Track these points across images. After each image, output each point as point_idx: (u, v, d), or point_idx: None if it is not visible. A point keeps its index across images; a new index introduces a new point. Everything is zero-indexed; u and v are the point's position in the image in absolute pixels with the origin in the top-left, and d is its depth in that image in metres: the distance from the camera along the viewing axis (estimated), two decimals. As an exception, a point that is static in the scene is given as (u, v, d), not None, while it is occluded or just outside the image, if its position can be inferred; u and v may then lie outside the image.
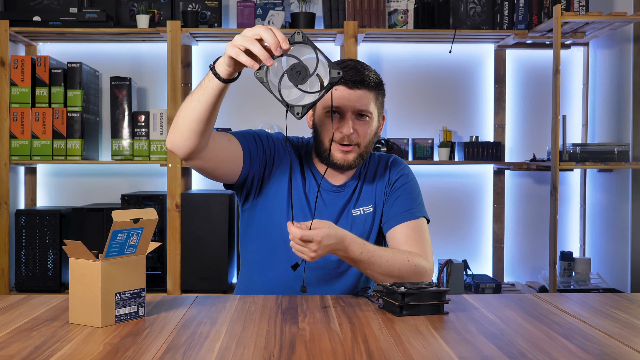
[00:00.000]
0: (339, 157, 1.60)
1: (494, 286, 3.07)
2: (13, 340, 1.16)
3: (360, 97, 1.57)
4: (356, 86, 1.57)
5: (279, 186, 1.65)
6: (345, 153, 1.59)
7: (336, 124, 1.58)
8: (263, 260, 1.68)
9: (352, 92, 1.57)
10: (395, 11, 3.19)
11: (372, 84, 1.60)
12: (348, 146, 1.59)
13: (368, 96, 1.59)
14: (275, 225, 1.64)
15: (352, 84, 1.57)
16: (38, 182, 3.36)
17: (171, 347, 1.12)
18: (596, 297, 1.57)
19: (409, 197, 1.68)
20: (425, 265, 1.57)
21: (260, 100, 3.38)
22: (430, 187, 3.41)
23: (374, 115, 1.62)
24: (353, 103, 1.57)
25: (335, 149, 1.59)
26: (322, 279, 1.66)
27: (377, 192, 1.69)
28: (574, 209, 3.47)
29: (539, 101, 3.45)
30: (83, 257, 1.26)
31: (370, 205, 1.68)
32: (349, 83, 1.56)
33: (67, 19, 3.10)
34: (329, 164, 1.62)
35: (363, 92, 1.58)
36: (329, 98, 1.56)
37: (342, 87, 1.57)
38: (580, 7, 3.15)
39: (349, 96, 1.57)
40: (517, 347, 1.13)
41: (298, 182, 1.66)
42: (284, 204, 1.64)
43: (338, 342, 1.15)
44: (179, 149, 1.48)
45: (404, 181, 1.70)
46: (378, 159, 1.75)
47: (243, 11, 3.15)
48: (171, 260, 3.04)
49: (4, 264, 3.04)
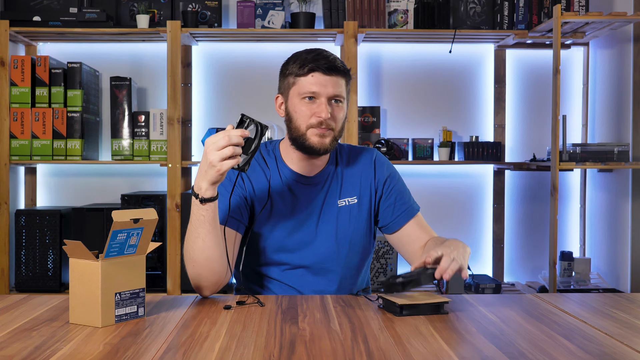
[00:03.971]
0: (316, 141, 1.61)
1: (494, 286, 3.07)
2: (13, 340, 1.16)
3: (335, 82, 1.61)
4: (331, 72, 1.61)
5: (262, 201, 1.67)
6: (322, 137, 1.61)
7: (313, 109, 1.61)
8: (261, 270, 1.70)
9: (328, 77, 1.61)
10: (395, 11, 3.19)
11: (343, 70, 1.64)
12: (324, 129, 1.61)
13: (341, 82, 1.63)
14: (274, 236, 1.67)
15: (327, 70, 1.60)
16: (38, 182, 3.36)
17: (171, 347, 1.12)
18: (596, 297, 1.57)
19: (403, 195, 1.74)
20: None
21: (260, 100, 3.38)
22: (430, 187, 3.41)
23: (345, 100, 1.66)
24: (329, 88, 1.60)
25: (312, 134, 1.61)
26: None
27: (362, 185, 1.72)
28: (574, 209, 3.47)
29: (539, 101, 3.45)
30: (83, 257, 1.26)
31: (354, 197, 1.71)
32: (324, 69, 1.60)
33: (67, 19, 3.10)
34: (305, 149, 1.63)
35: (337, 78, 1.62)
36: (306, 85, 1.61)
37: (318, 73, 1.60)
38: (580, 7, 3.15)
39: (325, 82, 1.60)
40: (517, 347, 1.13)
41: (277, 188, 1.68)
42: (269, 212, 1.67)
43: (338, 342, 1.15)
44: (222, 281, 1.55)
45: (394, 181, 1.74)
46: (349, 149, 1.77)
47: (243, 11, 3.15)
48: (171, 260, 3.04)
49: (4, 264, 3.04)
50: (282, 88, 1.68)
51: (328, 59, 1.61)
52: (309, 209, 1.67)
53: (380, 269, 3.10)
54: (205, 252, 1.48)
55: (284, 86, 1.67)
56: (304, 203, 1.67)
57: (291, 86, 1.64)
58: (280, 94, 1.69)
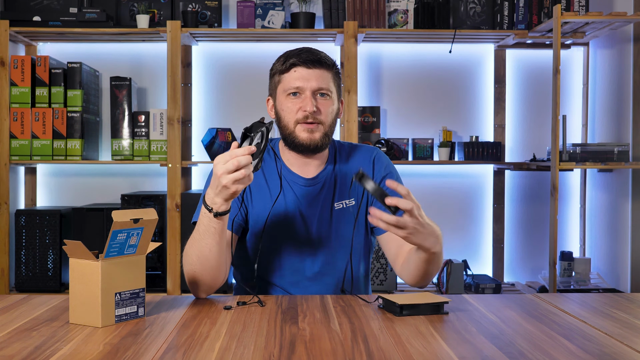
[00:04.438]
0: (305, 137, 1.60)
1: (494, 286, 3.07)
2: (13, 340, 1.16)
3: (318, 75, 1.60)
4: (314, 65, 1.60)
5: (262, 201, 1.66)
6: (311, 132, 1.60)
7: (298, 104, 1.60)
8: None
9: (311, 71, 1.60)
10: (395, 11, 3.19)
11: (329, 63, 1.63)
12: (312, 124, 1.59)
13: (326, 75, 1.62)
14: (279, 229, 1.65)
15: (310, 63, 1.60)
16: (38, 182, 3.36)
17: (171, 347, 1.12)
18: (596, 297, 1.57)
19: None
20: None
21: (261, 100, 3.38)
22: (430, 187, 3.41)
23: (333, 94, 1.64)
24: (312, 82, 1.59)
25: (300, 130, 1.60)
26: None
27: (360, 187, 1.68)
28: (574, 209, 3.47)
29: (539, 101, 3.45)
30: (83, 257, 1.26)
31: (352, 198, 1.68)
32: (307, 63, 1.59)
33: (67, 19, 3.10)
34: (296, 147, 1.62)
35: (321, 71, 1.61)
36: (289, 80, 1.60)
37: (300, 67, 1.60)
38: (580, 7, 3.15)
39: (308, 75, 1.59)
40: (517, 347, 1.13)
41: (276, 189, 1.66)
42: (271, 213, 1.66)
43: (338, 342, 1.15)
44: (220, 283, 1.55)
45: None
46: (349, 148, 1.74)
47: (243, 11, 3.15)
48: (171, 260, 3.04)
49: (4, 264, 3.04)
50: (271, 89, 1.68)
51: (311, 52, 1.61)
52: (306, 212, 1.64)
53: (380, 269, 3.10)
54: (210, 261, 1.48)
55: (272, 87, 1.67)
56: (301, 206, 1.65)
57: (277, 84, 1.64)
58: (270, 96, 1.69)
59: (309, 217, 1.65)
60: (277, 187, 1.65)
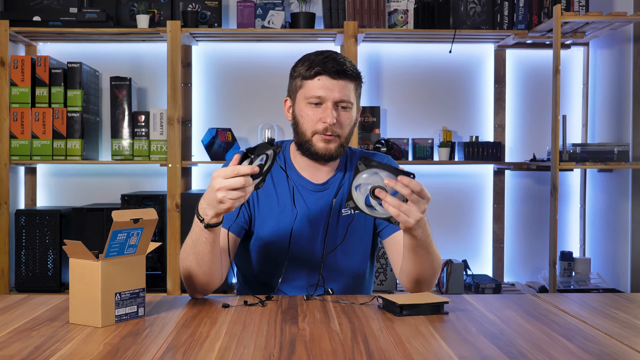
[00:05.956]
0: (321, 147, 1.59)
1: (494, 286, 3.07)
2: (13, 340, 1.16)
3: (342, 87, 1.57)
4: (339, 76, 1.57)
5: (269, 207, 1.66)
6: (327, 142, 1.59)
7: (319, 114, 1.58)
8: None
9: (335, 82, 1.57)
10: (395, 11, 3.19)
11: (352, 74, 1.60)
12: (330, 136, 1.58)
13: (349, 86, 1.59)
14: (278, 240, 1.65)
15: (334, 74, 1.56)
16: (38, 182, 3.36)
17: (171, 347, 1.12)
18: (596, 297, 1.57)
19: None
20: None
21: (261, 100, 3.38)
22: (430, 187, 3.37)
23: (354, 105, 1.62)
24: (335, 93, 1.57)
25: (317, 140, 1.59)
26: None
27: None
28: (574, 209, 3.47)
29: (539, 101, 3.45)
30: (83, 257, 1.26)
31: None
32: (332, 73, 1.56)
33: (67, 19, 3.10)
34: (311, 155, 1.61)
35: (345, 82, 1.58)
36: (312, 88, 1.57)
37: (324, 77, 1.57)
38: (580, 7, 3.15)
39: (332, 86, 1.57)
40: (517, 347, 1.13)
41: (285, 193, 1.65)
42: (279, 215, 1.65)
43: (338, 342, 1.15)
44: (216, 285, 1.54)
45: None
46: (360, 155, 1.73)
47: (243, 11, 3.15)
48: (171, 260, 3.04)
49: (4, 264, 3.04)
50: (291, 91, 1.65)
51: (337, 61, 1.57)
52: (314, 218, 1.64)
53: (380, 269, 3.10)
54: (202, 267, 1.47)
55: (292, 89, 1.64)
56: (310, 211, 1.64)
57: (298, 89, 1.61)
58: (288, 97, 1.66)
59: (316, 222, 1.64)
60: (285, 193, 1.64)
